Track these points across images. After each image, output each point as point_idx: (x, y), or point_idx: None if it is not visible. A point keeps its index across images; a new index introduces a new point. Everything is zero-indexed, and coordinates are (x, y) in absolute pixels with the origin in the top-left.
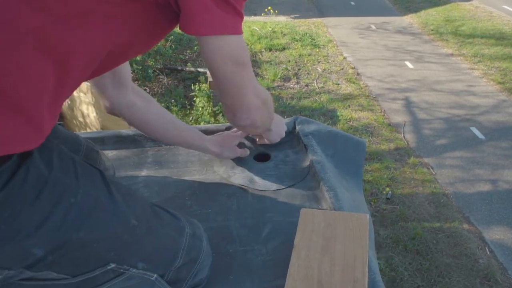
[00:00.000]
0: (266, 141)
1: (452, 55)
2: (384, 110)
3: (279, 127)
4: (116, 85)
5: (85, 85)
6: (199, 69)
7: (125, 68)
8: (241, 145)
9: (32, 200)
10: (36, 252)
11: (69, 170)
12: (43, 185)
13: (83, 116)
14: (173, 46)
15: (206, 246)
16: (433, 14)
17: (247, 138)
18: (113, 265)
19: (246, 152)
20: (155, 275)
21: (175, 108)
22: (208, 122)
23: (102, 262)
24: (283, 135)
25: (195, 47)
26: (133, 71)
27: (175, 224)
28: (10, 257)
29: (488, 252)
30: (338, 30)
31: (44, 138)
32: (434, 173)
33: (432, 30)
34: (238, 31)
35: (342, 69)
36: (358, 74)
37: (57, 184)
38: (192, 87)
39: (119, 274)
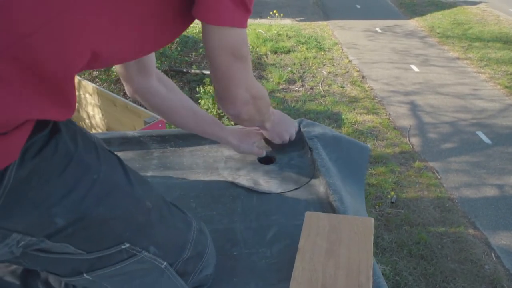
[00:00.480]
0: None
1: (458, 58)
2: (389, 114)
3: (280, 127)
4: (140, 71)
5: (91, 87)
6: (204, 72)
7: (150, 55)
8: (259, 145)
9: (60, 172)
10: (58, 222)
11: (92, 151)
12: (69, 160)
13: (89, 118)
14: (179, 48)
15: (211, 244)
16: (439, 18)
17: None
18: (127, 245)
19: (262, 152)
20: (165, 263)
21: None
22: None
23: (117, 240)
24: (285, 138)
25: (201, 50)
26: None
27: (183, 218)
28: (34, 223)
29: (494, 258)
30: (344, 33)
31: (74, 110)
32: (439, 177)
33: (438, 33)
34: (244, 25)
35: (347, 72)
36: (363, 77)
37: (82, 161)
38: (197, 89)
39: (132, 255)
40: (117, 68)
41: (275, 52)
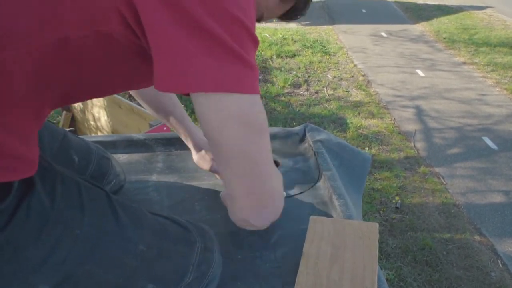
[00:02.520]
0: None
1: (464, 63)
2: (394, 118)
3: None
4: None
5: None
6: None
7: None
8: None
9: (35, 238)
10: None
11: (73, 199)
12: (46, 220)
13: (94, 120)
14: None
15: (218, 256)
16: (445, 23)
17: None
18: None
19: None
20: None
21: None
22: None
23: None
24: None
25: None
26: None
27: (186, 239)
28: None
29: (501, 265)
30: (349, 38)
31: (36, 166)
32: (445, 183)
33: (445, 38)
34: (254, 90)
35: (353, 76)
36: (368, 81)
37: (60, 217)
38: None
39: None
40: None
41: (280, 56)
